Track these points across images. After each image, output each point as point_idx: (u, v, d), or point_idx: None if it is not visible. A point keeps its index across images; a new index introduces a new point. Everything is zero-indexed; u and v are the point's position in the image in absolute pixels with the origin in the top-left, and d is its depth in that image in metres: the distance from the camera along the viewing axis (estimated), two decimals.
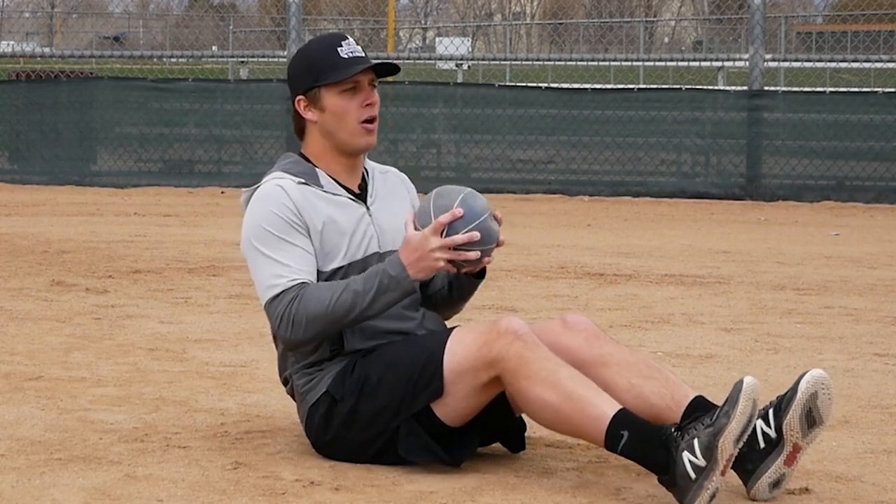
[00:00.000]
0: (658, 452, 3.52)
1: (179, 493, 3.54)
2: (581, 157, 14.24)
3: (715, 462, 3.44)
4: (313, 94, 3.87)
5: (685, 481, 3.47)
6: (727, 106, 14.04)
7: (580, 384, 3.60)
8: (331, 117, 3.87)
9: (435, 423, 3.74)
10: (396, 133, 14.61)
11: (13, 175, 14.60)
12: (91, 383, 4.87)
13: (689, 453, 3.46)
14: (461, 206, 3.71)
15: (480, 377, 3.68)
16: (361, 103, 3.87)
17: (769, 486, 3.60)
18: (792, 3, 35.71)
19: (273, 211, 3.80)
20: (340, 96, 3.86)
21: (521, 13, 40.35)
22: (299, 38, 14.58)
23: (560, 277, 7.91)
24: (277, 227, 3.79)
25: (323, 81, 3.85)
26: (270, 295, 3.77)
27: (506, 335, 3.64)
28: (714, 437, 3.44)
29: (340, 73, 3.83)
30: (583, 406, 3.57)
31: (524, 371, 3.61)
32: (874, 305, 7.07)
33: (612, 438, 3.55)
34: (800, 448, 3.61)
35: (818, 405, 3.59)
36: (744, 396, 3.46)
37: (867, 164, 13.70)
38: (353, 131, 3.87)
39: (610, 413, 3.55)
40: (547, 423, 3.68)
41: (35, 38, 31.90)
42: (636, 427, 3.55)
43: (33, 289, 7.13)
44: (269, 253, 3.78)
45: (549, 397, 3.60)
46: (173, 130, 14.72)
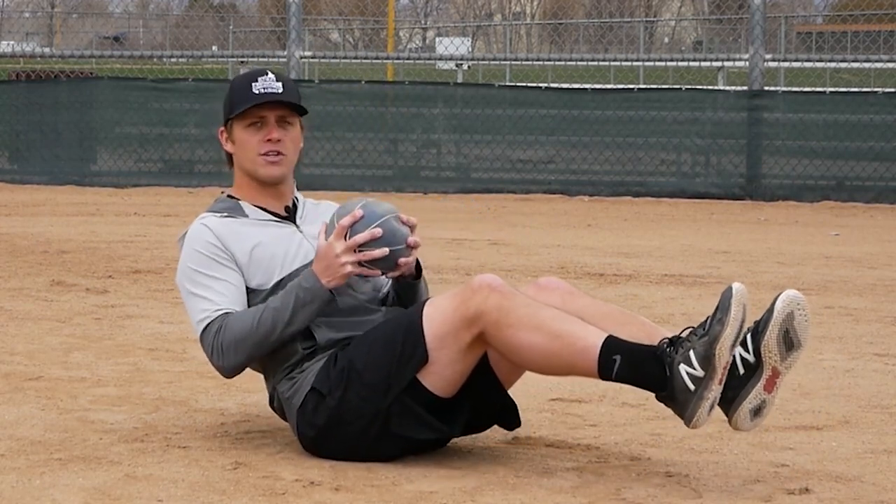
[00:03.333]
0: (654, 369, 3.55)
1: (179, 493, 3.54)
2: (581, 157, 14.24)
3: (713, 370, 3.49)
4: (229, 126, 4.06)
5: (684, 394, 3.51)
6: (727, 106, 14.04)
7: (564, 321, 3.64)
8: (238, 149, 4.05)
9: (426, 396, 3.75)
10: (396, 133, 14.61)
11: (13, 175, 14.60)
12: (91, 383, 4.87)
13: (686, 365, 3.51)
14: (361, 209, 3.85)
15: (463, 337, 3.70)
16: (263, 138, 4.02)
17: (750, 413, 3.61)
18: (792, 3, 35.71)
19: (197, 249, 3.97)
20: (245, 130, 4.03)
21: (521, 13, 40.35)
22: (299, 38, 14.58)
23: (560, 278, 7.90)
24: (202, 264, 3.96)
25: (231, 115, 4.02)
26: (200, 329, 3.95)
27: (481, 290, 3.68)
28: (710, 346, 3.49)
29: (241, 108, 3.98)
30: (571, 341, 3.61)
31: (506, 320, 3.64)
32: (874, 305, 7.07)
33: (604, 366, 3.58)
34: (779, 372, 3.61)
35: (795, 326, 3.60)
36: (734, 301, 3.52)
37: (867, 164, 13.70)
38: (253, 161, 4.03)
39: (598, 342, 3.59)
40: (538, 366, 3.71)
41: (35, 38, 31.89)
42: (628, 349, 3.59)
43: (33, 289, 7.13)
44: (195, 290, 3.95)
45: (535, 339, 3.63)
46: (173, 130, 14.72)
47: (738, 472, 3.84)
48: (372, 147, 14.49)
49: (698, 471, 3.84)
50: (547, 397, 4.72)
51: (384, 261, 3.83)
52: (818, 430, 4.36)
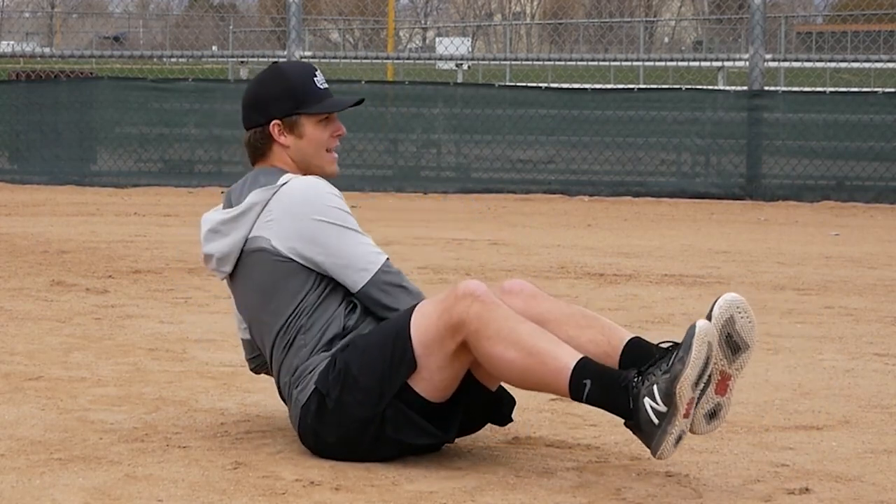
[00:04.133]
0: (621, 398, 3.56)
1: (179, 493, 3.54)
2: (581, 157, 14.24)
3: (675, 407, 3.49)
4: (292, 120, 4.00)
5: (649, 427, 3.52)
6: (727, 106, 14.03)
7: (540, 339, 3.66)
8: (307, 144, 4.01)
9: (419, 402, 3.76)
10: (396, 133, 14.61)
11: (13, 175, 14.60)
12: (91, 383, 4.87)
13: (650, 399, 3.52)
14: None
15: (448, 345, 3.71)
16: (332, 133, 4.04)
17: (705, 418, 3.62)
18: (792, 3, 35.71)
19: (340, 197, 3.94)
20: (317, 125, 4.01)
21: (521, 13, 40.34)
22: (299, 38, 14.59)
23: (560, 277, 7.91)
24: (349, 216, 3.93)
25: (305, 110, 3.99)
26: (383, 259, 3.89)
27: (464, 298, 3.69)
28: (671, 384, 3.49)
29: (325, 105, 3.99)
30: (544, 360, 3.63)
31: (485, 332, 3.66)
32: (874, 305, 7.07)
33: (575, 389, 3.60)
34: (729, 375, 3.62)
35: (737, 329, 3.60)
36: (696, 341, 3.50)
37: (867, 164, 13.70)
38: (324, 159, 4.04)
39: (571, 364, 3.61)
40: (513, 381, 3.74)
41: (35, 38, 31.89)
42: (598, 375, 3.60)
43: (33, 289, 7.13)
44: (357, 232, 3.91)
45: (510, 355, 3.65)
46: (173, 130, 14.72)
47: (738, 472, 3.84)
48: (372, 147, 14.49)
49: (698, 471, 3.84)
50: (547, 397, 4.72)
51: None
52: (818, 430, 4.36)
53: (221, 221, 4.01)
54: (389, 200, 13.36)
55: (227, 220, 3.99)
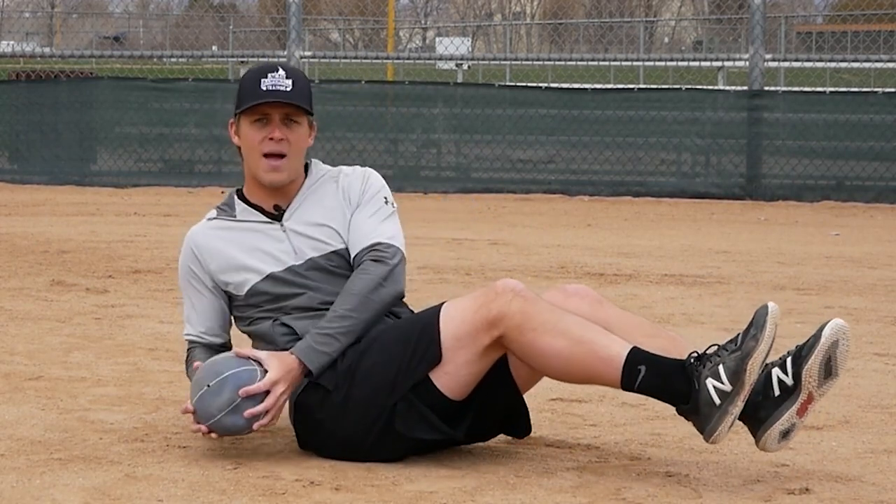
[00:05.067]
0: (679, 382, 3.56)
1: (179, 493, 3.54)
2: (581, 157, 14.24)
3: (741, 385, 3.51)
4: (238, 119, 4.04)
5: (709, 408, 3.52)
6: (727, 106, 14.04)
7: (588, 328, 3.64)
8: (243, 144, 4.03)
9: (435, 396, 3.75)
10: (396, 133, 14.61)
11: (13, 175, 14.60)
12: (91, 383, 4.87)
13: (714, 379, 3.52)
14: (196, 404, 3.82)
15: (482, 340, 3.69)
16: (266, 136, 3.97)
17: (779, 435, 3.63)
18: (792, 3, 35.70)
19: (180, 264, 4.13)
20: (251, 126, 4.00)
21: (521, 13, 40.33)
22: (299, 38, 14.58)
23: (560, 277, 7.91)
24: (182, 281, 4.12)
25: (238, 109, 4.01)
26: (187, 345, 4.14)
27: (504, 293, 3.67)
28: (742, 360, 3.50)
29: (248, 103, 3.97)
30: (595, 348, 3.61)
31: (529, 324, 3.63)
32: (874, 305, 7.07)
33: (628, 375, 3.58)
34: (813, 398, 3.63)
35: (837, 354, 3.63)
36: (770, 320, 3.54)
37: (867, 164, 13.70)
38: (256, 162, 4.00)
39: (623, 352, 3.60)
40: (559, 371, 3.69)
41: (35, 38, 31.88)
42: (653, 361, 3.59)
43: (33, 289, 7.13)
44: (183, 298, 4.15)
45: (558, 344, 3.62)
46: (173, 130, 14.72)
47: (738, 472, 3.84)
48: (372, 147, 14.49)
49: (698, 471, 3.84)
50: (547, 397, 4.72)
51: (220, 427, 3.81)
52: (818, 430, 4.36)
53: None
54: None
55: None
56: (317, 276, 3.95)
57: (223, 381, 3.77)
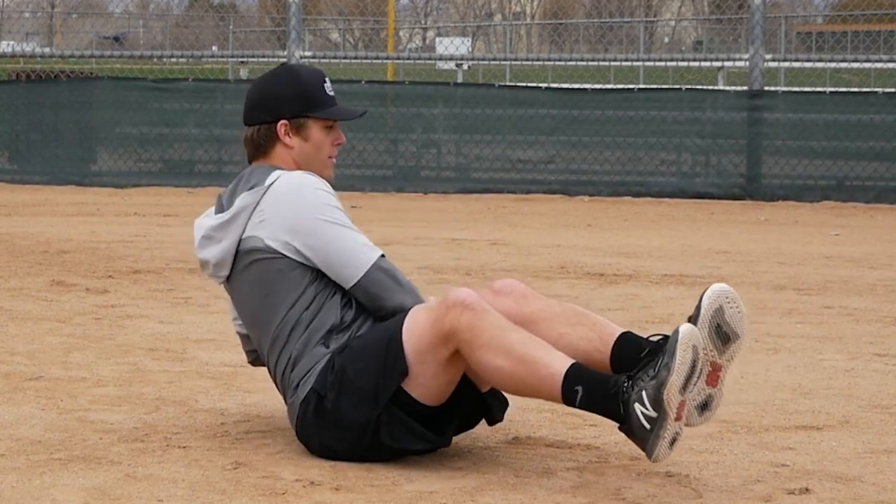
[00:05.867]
0: (612, 404, 3.58)
1: (179, 493, 3.54)
2: (581, 157, 14.23)
3: (664, 413, 3.50)
4: (300, 122, 4.04)
5: (641, 432, 3.53)
6: (727, 106, 14.03)
7: (531, 346, 3.67)
8: (311, 147, 4.05)
9: (414, 406, 3.77)
10: (396, 133, 14.61)
11: (13, 175, 14.59)
12: (91, 383, 4.87)
13: (640, 405, 3.53)
14: None
15: (442, 353, 3.72)
16: (334, 141, 4.08)
17: (697, 409, 3.65)
18: (792, 3, 35.70)
19: (332, 194, 3.97)
20: (322, 130, 4.05)
21: (521, 13, 40.32)
22: (299, 38, 14.58)
23: (560, 277, 7.91)
24: (341, 207, 3.96)
25: (314, 114, 4.03)
26: (378, 254, 3.90)
27: (455, 307, 3.70)
28: (658, 390, 3.50)
29: (334, 112, 4.05)
30: (536, 368, 3.64)
31: (476, 341, 3.67)
32: (874, 305, 7.07)
33: (567, 395, 3.61)
34: (719, 366, 3.65)
35: (727, 319, 3.62)
36: (680, 347, 3.51)
37: (867, 164, 13.70)
38: (324, 163, 4.07)
39: (562, 370, 3.62)
40: (506, 389, 3.78)
41: (35, 38, 31.88)
42: (589, 381, 3.61)
43: (33, 289, 7.13)
44: (350, 227, 3.92)
45: (502, 364, 3.66)
46: (173, 130, 14.72)
47: (738, 472, 3.84)
48: (372, 147, 14.49)
49: (698, 471, 3.84)
50: None
51: None
52: (818, 430, 4.36)
53: (213, 227, 4.05)
54: (389, 200, 13.36)
55: (218, 226, 4.04)
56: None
57: None
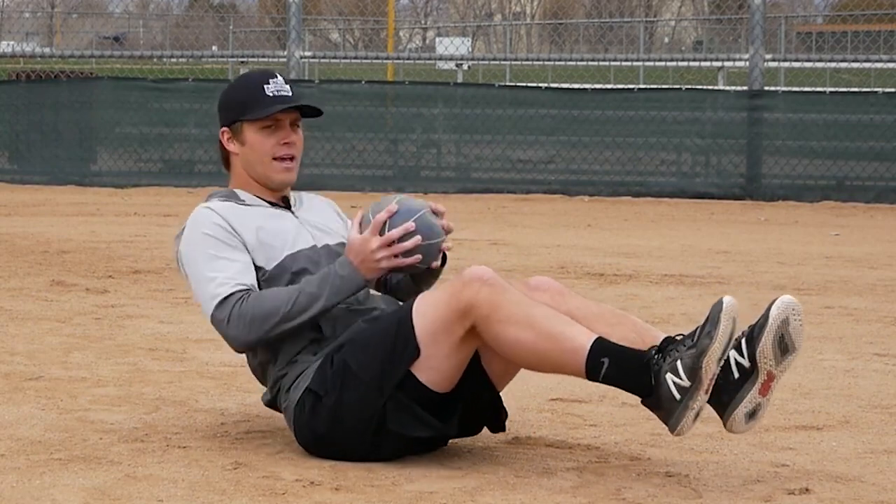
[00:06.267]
0: (641, 375, 3.58)
1: (179, 493, 3.54)
2: (581, 157, 14.24)
3: (699, 382, 3.51)
4: (236, 127, 4.04)
5: (670, 402, 3.53)
6: (727, 106, 14.04)
7: (555, 320, 3.66)
8: (250, 151, 4.04)
9: (421, 391, 3.75)
10: (396, 133, 14.61)
11: (13, 175, 14.60)
12: (91, 383, 4.87)
13: (673, 375, 3.53)
14: (397, 205, 3.87)
15: (456, 331, 3.70)
16: (279, 141, 4.03)
17: (745, 417, 3.64)
18: (792, 3, 35.70)
19: (206, 233, 3.96)
20: (260, 132, 4.02)
21: (521, 13, 40.33)
22: (299, 38, 14.58)
23: (560, 277, 7.91)
24: (213, 246, 3.94)
25: (244, 117, 4.01)
26: (217, 301, 3.87)
27: (472, 283, 3.69)
28: (698, 358, 3.51)
29: (260, 111, 3.98)
30: (560, 341, 3.63)
31: (496, 315, 3.65)
32: (874, 305, 7.07)
33: (592, 368, 3.60)
34: (774, 376, 3.65)
35: (790, 331, 3.63)
36: (724, 316, 3.53)
37: (867, 164, 13.70)
38: (267, 166, 4.03)
39: (587, 343, 3.61)
40: (526, 363, 3.73)
41: (35, 38, 31.88)
42: (616, 353, 3.61)
43: (33, 289, 7.13)
44: (208, 273, 3.91)
45: (524, 337, 3.64)
46: (173, 130, 14.72)
47: (738, 472, 3.84)
48: (372, 147, 14.49)
49: (698, 471, 3.84)
50: (547, 397, 4.72)
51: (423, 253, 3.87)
52: (818, 430, 4.36)
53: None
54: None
55: None
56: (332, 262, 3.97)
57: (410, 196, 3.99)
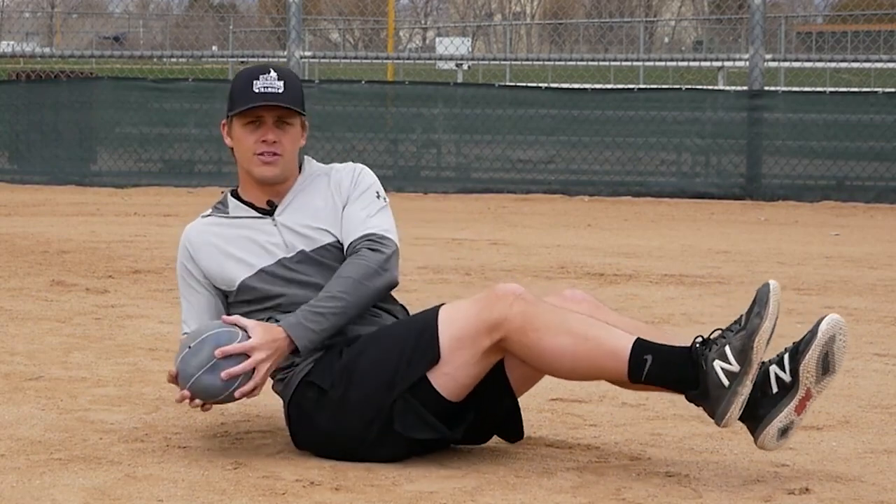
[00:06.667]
0: (686, 367, 3.59)
1: (179, 493, 3.54)
2: (581, 157, 14.24)
3: (749, 364, 3.54)
4: (229, 121, 4.10)
5: (718, 390, 3.55)
6: (727, 106, 14.04)
7: (591, 324, 3.68)
8: (237, 145, 4.10)
9: (432, 397, 3.75)
10: (396, 133, 14.61)
11: (13, 175, 14.60)
12: (91, 383, 4.87)
13: (722, 361, 3.55)
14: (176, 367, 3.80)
15: (482, 342, 3.70)
16: (259, 138, 4.04)
17: (778, 433, 3.65)
18: (792, 3, 35.70)
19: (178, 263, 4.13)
20: (244, 128, 4.06)
21: (521, 13, 40.32)
22: (299, 38, 14.58)
23: (560, 277, 7.91)
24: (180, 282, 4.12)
25: (231, 112, 4.06)
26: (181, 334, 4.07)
27: (505, 297, 3.70)
28: (749, 338, 3.53)
29: (242, 106, 4.02)
30: (599, 343, 3.64)
31: (532, 325, 3.66)
32: (874, 305, 7.07)
33: (635, 367, 3.61)
34: (811, 395, 3.66)
35: (835, 350, 3.64)
36: (773, 297, 3.57)
37: (867, 164, 13.71)
38: (250, 161, 4.07)
39: (629, 343, 3.63)
40: (565, 369, 3.71)
41: (35, 38, 31.88)
42: (659, 350, 3.62)
43: (33, 289, 7.13)
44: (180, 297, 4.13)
45: (563, 342, 3.65)
46: (173, 130, 14.72)
47: (738, 472, 3.84)
48: (372, 147, 14.49)
49: (698, 471, 3.84)
50: (547, 397, 4.72)
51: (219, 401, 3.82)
52: (818, 430, 4.36)
53: None
54: (390, 200, 13.33)
55: None
56: (309, 269, 3.97)
57: (203, 341, 3.78)
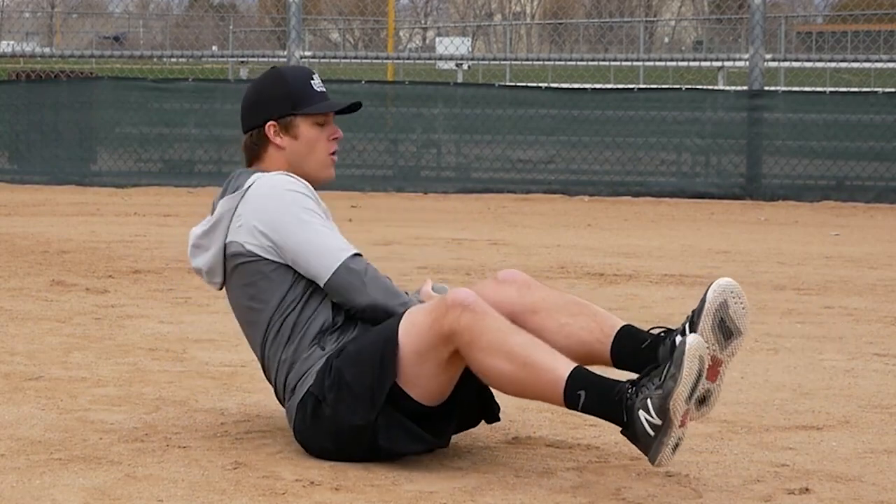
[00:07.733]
0: (616, 409, 3.57)
1: (179, 493, 3.54)
2: (581, 157, 14.23)
3: (670, 421, 3.49)
4: (287, 121, 4.00)
5: (645, 438, 3.52)
6: (727, 106, 14.03)
7: (533, 349, 3.66)
8: (302, 145, 4.01)
9: (413, 406, 3.76)
10: (396, 133, 14.61)
11: (13, 175, 14.59)
12: (91, 383, 4.87)
13: (645, 412, 3.52)
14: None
15: (441, 353, 3.71)
16: (329, 136, 4.04)
17: (696, 404, 3.62)
18: (792, 3, 35.70)
19: (307, 194, 3.93)
20: (313, 127, 4.01)
21: (521, 13, 40.32)
22: (299, 38, 14.58)
23: (560, 277, 7.91)
24: (317, 208, 3.93)
25: (300, 110, 3.99)
26: (351, 253, 3.85)
27: (454, 308, 3.68)
28: (664, 400, 3.49)
29: (320, 106, 4.00)
30: (538, 371, 3.63)
31: (477, 343, 3.66)
32: (874, 305, 7.07)
33: (570, 400, 3.61)
34: (720, 361, 3.66)
35: (731, 314, 3.64)
36: (688, 359, 3.49)
37: (867, 164, 13.70)
38: (321, 162, 4.04)
39: (565, 374, 3.61)
40: (507, 391, 3.75)
41: (35, 38, 31.88)
42: (592, 385, 3.60)
43: (33, 289, 7.13)
44: (320, 226, 3.89)
45: (504, 367, 3.65)
46: (173, 130, 14.72)
47: (738, 472, 3.84)
48: (372, 147, 14.49)
49: (698, 471, 3.84)
50: None
51: None
52: (818, 430, 4.36)
53: (200, 235, 4.05)
54: (389, 200, 13.36)
55: (203, 234, 4.04)
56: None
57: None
